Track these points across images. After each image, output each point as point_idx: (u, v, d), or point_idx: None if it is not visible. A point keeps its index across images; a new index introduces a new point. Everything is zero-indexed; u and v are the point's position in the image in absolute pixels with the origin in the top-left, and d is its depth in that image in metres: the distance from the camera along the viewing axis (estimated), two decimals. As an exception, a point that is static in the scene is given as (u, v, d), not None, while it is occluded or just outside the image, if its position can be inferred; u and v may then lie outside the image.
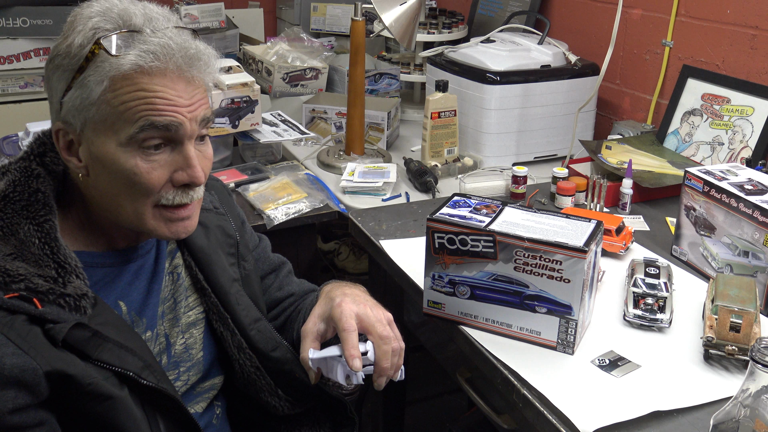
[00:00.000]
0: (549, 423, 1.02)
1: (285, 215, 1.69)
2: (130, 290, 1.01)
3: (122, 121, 0.90)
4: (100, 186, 0.94)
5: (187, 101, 0.92)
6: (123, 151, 0.91)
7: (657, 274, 1.28)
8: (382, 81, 2.42)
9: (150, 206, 0.94)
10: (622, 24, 2.11)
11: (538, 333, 1.16)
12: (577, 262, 1.08)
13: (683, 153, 1.87)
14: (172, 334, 1.06)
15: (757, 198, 1.29)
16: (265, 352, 1.11)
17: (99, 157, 0.92)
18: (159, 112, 0.90)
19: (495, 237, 1.12)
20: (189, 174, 0.94)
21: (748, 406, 0.85)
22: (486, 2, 2.65)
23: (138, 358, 0.91)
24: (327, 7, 2.87)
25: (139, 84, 0.89)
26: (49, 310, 0.85)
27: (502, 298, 1.16)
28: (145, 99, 0.89)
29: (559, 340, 1.15)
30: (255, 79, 1.94)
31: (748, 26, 1.79)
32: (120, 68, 0.88)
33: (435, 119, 1.91)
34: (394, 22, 1.78)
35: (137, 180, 0.92)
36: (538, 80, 1.96)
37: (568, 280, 1.10)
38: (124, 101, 0.89)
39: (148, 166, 0.92)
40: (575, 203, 1.69)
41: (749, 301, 1.12)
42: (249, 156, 2.01)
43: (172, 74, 0.91)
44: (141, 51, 0.89)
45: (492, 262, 1.14)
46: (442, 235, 1.16)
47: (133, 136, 0.90)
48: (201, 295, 1.10)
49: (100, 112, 0.90)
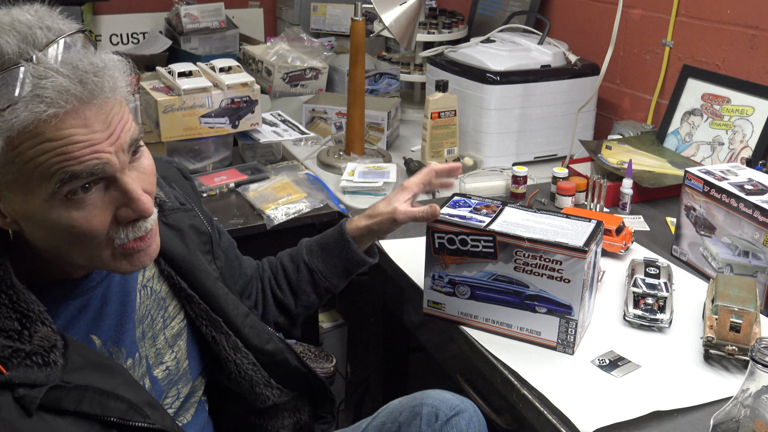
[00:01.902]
0: (549, 423, 1.02)
1: (285, 215, 1.69)
2: (100, 320, 0.92)
3: (37, 179, 0.77)
4: (39, 239, 0.83)
5: (105, 133, 0.78)
6: (50, 207, 0.78)
7: (657, 274, 1.28)
8: (382, 81, 2.42)
9: (104, 249, 0.84)
10: (622, 24, 2.11)
11: (538, 333, 1.16)
12: (577, 262, 1.08)
13: (683, 153, 1.87)
14: (158, 352, 1.01)
15: (757, 198, 1.29)
16: (259, 347, 1.09)
17: (26, 215, 0.80)
18: (76, 160, 0.76)
19: (495, 237, 1.12)
20: (134, 209, 0.83)
21: (748, 406, 0.85)
22: (486, 2, 2.65)
23: (121, 401, 0.84)
24: (327, 7, 2.87)
25: (42, 135, 0.75)
26: (16, 373, 0.76)
27: (503, 298, 1.16)
28: (54, 151, 0.75)
29: (559, 340, 1.14)
30: (255, 79, 1.93)
31: (748, 26, 1.79)
32: (12, 127, 0.74)
33: (435, 119, 1.91)
34: (394, 22, 1.78)
35: (78, 231, 0.80)
36: (538, 80, 1.96)
37: (568, 280, 1.10)
38: (30, 158, 0.76)
39: (85, 213, 0.80)
40: (575, 203, 1.69)
41: (749, 301, 1.12)
42: (249, 156, 2.01)
43: (77, 111, 0.76)
44: (29, 102, 0.73)
45: (492, 262, 1.14)
46: (442, 235, 1.16)
47: (54, 192, 0.77)
48: (185, 302, 1.05)
49: (8, 174, 0.77)
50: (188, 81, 1.83)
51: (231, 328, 1.07)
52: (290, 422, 1.18)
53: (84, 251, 0.83)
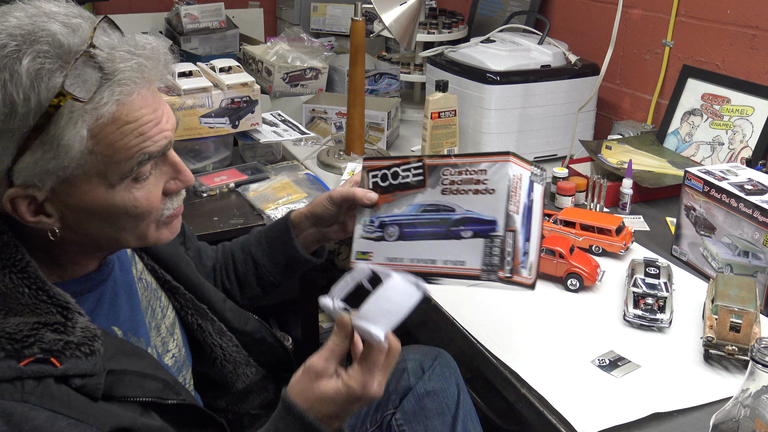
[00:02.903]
0: (549, 423, 1.02)
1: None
2: (116, 311, 0.95)
3: (114, 164, 0.79)
4: (86, 231, 0.84)
5: (160, 111, 0.82)
6: (114, 192, 0.81)
7: (657, 274, 1.28)
8: (382, 81, 2.42)
9: (152, 223, 0.88)
10: (622, 24, 2.11)
11: (462, 263, 1.05)
12: (501, 166, 1.04)
13: (683, 153, 1.87)
14: (163, 341, 1.04)
15: (757, 198, 1.29)
16: (240, 328, 1.12)
17: (84, 207, 0.81)
18: (151, 140, 0.80)
19: (424, 162, 1.10)
20: (182, 180, 0.88)
21: (748, 406, 0.85)
22: (486, 2, 2.65)
23: (157, 381, 0.87)
24: (327, 7, 2.87)
25: (120, 118, 0.77)
26: (69, 365, 0.78)
27: (430, 230, 1.09)
28: (132, 133, 0.78)
29: (483, 266, 1.02)
30: (255, 79, 1.93)
31: (748, 26, 1.79)
32: (101, 115, 0.76)
33: (435, 119, 1.91)
34: (394, 22, 1.78)
35: (138, 211, 0.84)
36: (538, 80, 1.96)
37: (492, 190, 1.04)
38: (111, 143, 0.78)
39: (145, 192, 0.84)
40: (575, 203, 1.69)
41: (749, 301, 1.12)
42: (249, 156, 2.01)
43: (140, 92, 0.79)
44: (111, 86, 0.75)
45: (421, 192, 1.10)
46: (376, 173, 1.14)
47: (126, 174, 0.81)
48: (170, 294, 1.08)
49: (83, 166, 0.78)
50: (188, 81, 1.83)
51: (215, 314, 1.10)
52: (258, 402, 1.18)
53: (136, 230, 0.86)
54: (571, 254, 1.36)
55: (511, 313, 1.28)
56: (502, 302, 1.30)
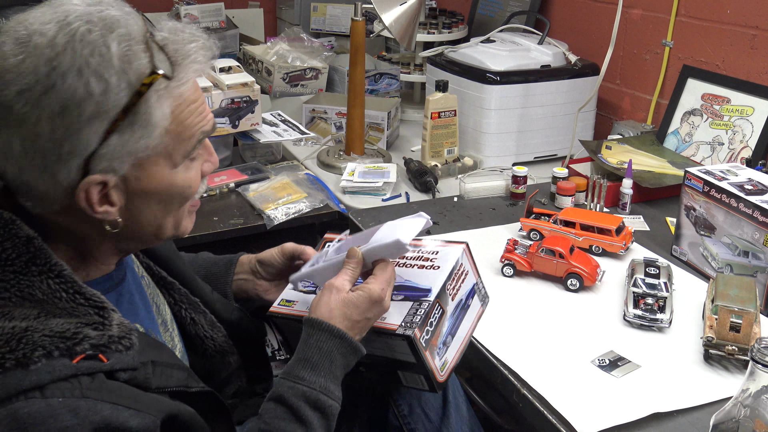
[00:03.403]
0: (549, 423, 1.02)
1: (285, 215, 1.69)
2: (134, 309, 0.96)
3: (179, 143, 0.82)
4: (139, 220, 0.86)
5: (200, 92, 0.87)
6: (176, 173, 0.84)
7: (657, 274, 1.28)
8: (382, 81, 2.42)
9: (186, 210, 0.91)
10: (622, 24, 2.11)
11: (383, 319, 1.01)
12: (453, 250, 1.05)
13: (683, 153, 1.87)
14: (170, 336, 1.05)
15: (757, 198, 1.29)
16: (228, 319, 1.13)
17: (147, 191, 0.83)
18: (207, 119, 0.85)
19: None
20: (212, 162, 0.91)
21: (748, 406, 0.85)
22: (486, 2, 2.65)
23: (181, 370, 0.89)
24: (327, 7, 2.87)
25: (188, 98, 0.82)
26: (114, 360, 0.79)
27: None
28: (197, 111, 0.83)
29: (402, 323, 0.99)
30: (255, 79, 1.94)
31: (748, 26, 1.79)
32: (180, 94, 0.80)
33: (435, 119, 1.91)
34: (394, 22, 1.78)
35: (191, 191, 0.87)
36: (538, 80, 1.96)
37: (438, 267, 1.04)
38: (182, 121, 0.81)
39: (193, 172, 0.87)
40: (575, 203, 1.69)
41: (749, 301, 1.12)
42: (249, 156, 2.01)
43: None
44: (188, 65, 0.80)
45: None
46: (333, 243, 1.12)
47: (188, 153, 0.84)
48: (165, 290, 1.08)
49: (157, 146, 0.80)
50: (188, 81, 1.83)
51: (206, 306, 1.11)
52: (232, 391, 1.19)
53: (178, 215, 0.89)
54: (571, 254, 1.36)
55: (510, 313, 1.28)
56: (502, 302, 1.30)
